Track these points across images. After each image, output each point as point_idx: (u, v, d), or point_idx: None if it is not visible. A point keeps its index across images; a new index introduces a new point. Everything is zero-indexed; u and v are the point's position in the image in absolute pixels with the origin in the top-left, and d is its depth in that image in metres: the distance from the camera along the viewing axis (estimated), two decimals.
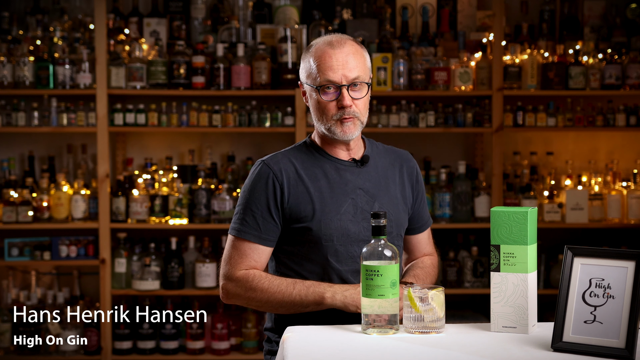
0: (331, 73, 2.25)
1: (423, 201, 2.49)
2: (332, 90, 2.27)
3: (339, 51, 2.27)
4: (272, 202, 2.29)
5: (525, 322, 1.99)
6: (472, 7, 4.79)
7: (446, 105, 4.61)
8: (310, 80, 2.30)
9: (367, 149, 2.42)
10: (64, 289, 4.61)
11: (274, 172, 2.31)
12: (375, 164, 2.40)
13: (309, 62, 2.31)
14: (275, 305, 2.25)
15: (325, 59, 2.27)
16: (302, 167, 2.33)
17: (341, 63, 2.26)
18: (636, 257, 1.80)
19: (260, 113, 4.53)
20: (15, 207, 4.42)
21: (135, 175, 4.57)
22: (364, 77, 2.29)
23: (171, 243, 4.51)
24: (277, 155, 2.37)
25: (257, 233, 2.29)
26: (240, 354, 4.50)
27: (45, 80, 4.44)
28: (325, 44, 2.29)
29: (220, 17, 4.70)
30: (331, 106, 2.27)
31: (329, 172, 2.33)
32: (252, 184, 2.33)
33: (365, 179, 2.35)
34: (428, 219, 2.52)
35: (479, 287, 4.52)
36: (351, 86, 2.27)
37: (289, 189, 2.29)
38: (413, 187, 2.45)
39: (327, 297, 2.20)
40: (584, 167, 4.77)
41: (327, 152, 2.37)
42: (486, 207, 4.48)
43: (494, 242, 2.01)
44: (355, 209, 2.31)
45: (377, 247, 2.01)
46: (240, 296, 2.28)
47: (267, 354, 2.40)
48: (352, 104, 2.27)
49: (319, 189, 2.28)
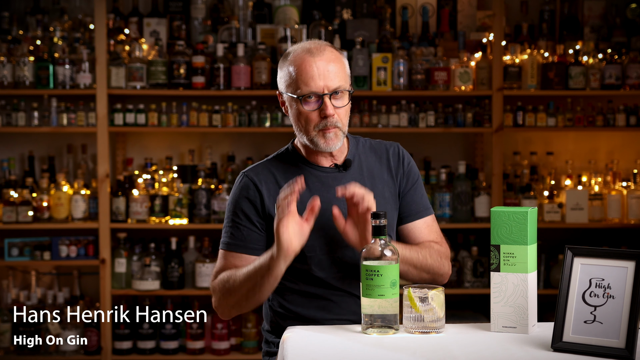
0: (312, 83, 2.20)
1: (416, 188, 2.38)
2: (314, 99, 2.22)
3: (319, 58, 2.21)
4: (254, 212, 2.28)
5: (525, 322, 1.99)
6: (472, 7, 4.79)
7: (446, 105, 4.61)
8: (290, 90, 2.25)
9: (350, 150, 2.36)
10: (64, 289, 4.61)
11: (254, 182, 2.29)
12: (360, 165, 2.35)
13: (287, 70, 2.25)
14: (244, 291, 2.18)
15: (305, 67, 2.21)
16: (283, 177, 2.29)
17: (322, 72, 2.20)
18: (636, 257, 1.80)
19: (260, 113, 4.53)
20: (15, 207, 4.42)
21: (135, 175, 4.57)
22: (345, 85, 2.24)
23: (171, 243, 4.51)
24: (258, 167, 2.34)
25: (243, 244, 2.27)
26: (240, 354, 4.50)
27: (45, 80, 4.44)
28: (303, 51, 2.23)
29: (220, 17, 4.70)
30: (313, 116, 2.22)
31: (310, 180, 2.28)
32: (234, 197, 2.32)
33: (347, 183, 2.28)
34: (426, 207, 2.39)
35: (479, 287, 4.53)
36: (333, 94, 2.22)
37: (269, 199, 2.27)
38: (399, 173, 2.37)
39: (272, 251, 2.11)
40: (584, 167, 4.77)
41: (308, 160, 2.33)
42: (486, 207, 4.48)
43: (494, 242, 2.01)
44: None
45: (377, 247, 2.01)
46: (222, 306, 2.26)
47: (266, 355, 2.39)
48: (334, 113, 2.22)
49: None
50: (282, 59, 2.29)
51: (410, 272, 2.26)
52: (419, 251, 2.28)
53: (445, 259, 2.34)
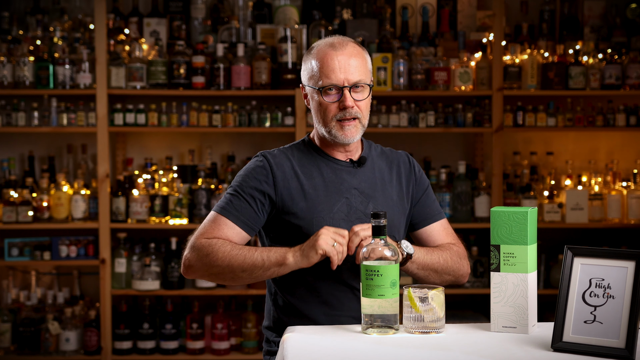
0: (333, 75, 2.26)
1: (427, 194, 2.46)
2: (334, 92, 2.28)
3: (340, 53, 2.28)
4: (260, 192, 2.29)
5: (525, 322, 1.99)
6: (472, 7, 4.79)
7: (446, 105, 4.61)
8: (312, 82, 2.31)
9: (364, 150, 2.42)
10: (64, 289, 4.61)
11: (271, 164, 2.32)
12: (372, 165, 2.40)
13: (310, 64, 2.32)
14: (235, 269, 2.19)
15: (327, 60, 2.28)
16: (299, 164, 2.34)
17: (343, 65, 2.27)
18: (636, 257, 1.80)
19: (260, 113, 4.53)
20: (15, 207, 4.42)
21: (135, 175, 4.57)
22: (365, 79, 2.30)
23: (171, 243, 4.51)
24: (275, 151, 2.39)
25: (237, 214, 2.28)
26: (240, 354, 4.50)
27: (45, 80, 4.44)
28: (327, 46, 2.30)
29: (220, 17, 4.70)
30: (333, 107, 2.28)
31: (324, 170, 2.34)
32: (247, 172, 2.34)
33: (361, 179, 2.35)
34: (438, 211, 2.47)
35: (479, 287, 4.53)
36: (353, 88, 2.28)
37: (283, 183, 2.30)
38: (410, 183, 2.43)
39: (289, 255, 2.16)
40: (584, 167, 4.77)
41: (324, 151, 2.37)
42: (486, 207, 4.48)
43: (494, 242, 2.01)
44: (349, 209, 2.30)
45: (377, 247, 2.01)
46: (199, 264, 2.25)
47: (267, 354, 2.39)
48: (354, 105, 2.27)
49: (313, 186, 2.28)
50: (307, 53, 2.36)
51: (431, 276, 2.33)
52: (440, 255, 2.34)
53: (464, 259, 2.42)
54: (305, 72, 2.35)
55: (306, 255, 2.15)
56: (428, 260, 2.29)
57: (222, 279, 2.26)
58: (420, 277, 2.32)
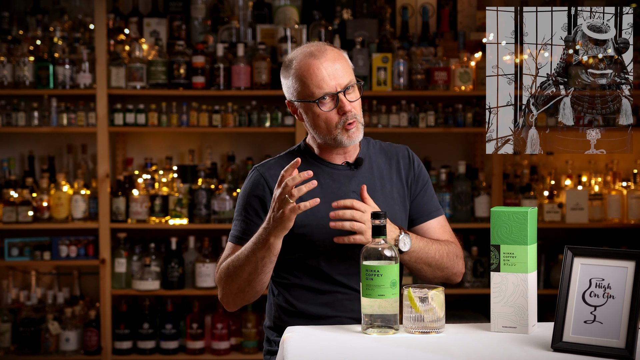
0: (325, 84, 2.24)
1: (426, 189, 2.43)
2: (329, 99, 2.26)
3: (324, 60, 2.25)
4: (262, 209, 2.30)
5: (525, 322, 1.99)
6: (472, 7, 4.79)
7: (446, 105, 4.61)
8: (302, 97, 2.28)
9: (362, 149, 2.40)
10: (64, 289, 4.61)
11: (265, 178, 2.32)
12: (371, 164, 2.39)
13: (294, 79, 2.28)
14: (243, 274, 2.21)
15: (313, 71, 2.25)
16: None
17: (331, 72, 2.24)
18: (636, 257, 1.80)
19: (260, 113, 4.53)
20: (15, 207, 4.42)
21: (135, 175, 4.57)
22: (353, 79, 2.28)
23: (171, 243, 4.51)
24: (269, 162, 2.38)
25: (249, 238, 2.27)
26: (240, 354, 4.50)
27: (45, 80, 4.44)
28: (306, 56, 2.27)
29: (220, 17, 4.70)
30: (332, 115, 2.26)
31: (321, 177, 2.32)
32: (245, 192, 2.35)
33: (359, 181, 2.33)
34: (437, 208, 2.44)
35: (479, 287, 4.53)
36: (345, 91, 2.26)
37: None
38: (409, 177, 2.41)
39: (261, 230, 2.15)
40: (584, 167, 4.77)
41: (321, 157, 2.36)
42: (486, 207, 4.49)
43: (494, 242, 2.01)
44: None
45: (377, 247, 2.01)
46: (228, 294, 2.28)
47: (267, 354, 2.39)
48: (351, 108, 2.26)
49: (311, 195, 2.20)
50: (285, 68, 2.32)
51: (424, 270, 2.31)
52: (437, 249, 2.31)
53: (459, 259, 2.39)
54: (291, 88, 2.30)
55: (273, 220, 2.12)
56: (423, 255, 2.27)
57: (247, 292, 2.26)
58: (412, 269, 2.31)
